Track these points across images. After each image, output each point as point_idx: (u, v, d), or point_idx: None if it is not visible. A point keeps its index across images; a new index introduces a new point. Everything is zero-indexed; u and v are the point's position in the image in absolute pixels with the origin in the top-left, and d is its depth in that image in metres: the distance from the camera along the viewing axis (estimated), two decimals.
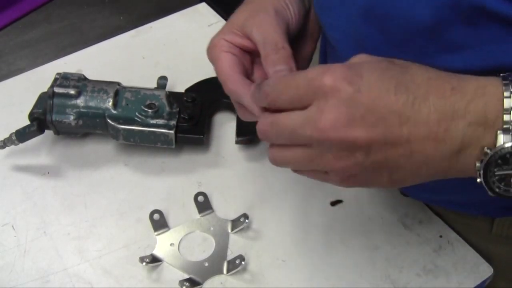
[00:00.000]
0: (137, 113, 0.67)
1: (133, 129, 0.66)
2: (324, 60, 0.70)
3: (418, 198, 0.66)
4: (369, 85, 0.42)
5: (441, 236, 0.64)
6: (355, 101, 0.42)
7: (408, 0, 0.48)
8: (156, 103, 0.67)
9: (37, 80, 0.77)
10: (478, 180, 0.43)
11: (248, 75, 0.56)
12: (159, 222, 0.64)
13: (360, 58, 0.45)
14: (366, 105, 0.42)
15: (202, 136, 0.69)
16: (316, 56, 0.63)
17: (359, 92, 0.42)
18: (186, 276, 0.60)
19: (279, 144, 0.47)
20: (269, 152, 0.48)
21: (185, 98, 0.71)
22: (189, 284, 0.58)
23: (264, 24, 0.54)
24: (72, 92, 0.67)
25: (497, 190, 0.43)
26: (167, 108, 0.68)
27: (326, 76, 0.42)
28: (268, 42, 0.53)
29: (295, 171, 0.50)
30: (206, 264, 0.61)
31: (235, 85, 0.53)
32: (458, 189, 0.59)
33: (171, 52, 0.84)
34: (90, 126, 0.68)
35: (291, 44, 0.55)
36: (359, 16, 0.53)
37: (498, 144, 0.41)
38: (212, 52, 0.56)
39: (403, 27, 0.50)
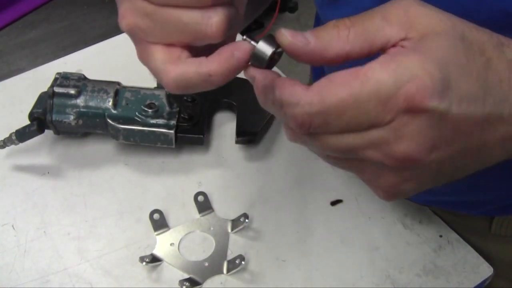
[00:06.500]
0: (137, 113, 0.67)
1: (133, 129, 0.66)
2: None
3: (416, 200, 0.66)
4: (460, 97, 0.33)
5: (441, 236, 0.64)
6: (444, 122, 0.33)
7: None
8: (156, 103, 0.67)
9: (37, 80, 0.77)
10: None
11: None
12: (159, 222, 0.64)
13: (422, 27, 0.34)
14: (455, 125, 0.34)
15: (202, 136, 0.69)
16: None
17: (449, 109, 0.33)
18: (186, 276, 0.60)
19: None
20: (291, 137, 0.37)
21: (185, 98, 0.70)
22: (189, 284, 0.58)
23: None
24: (72, 92, 0.67)
25: None
26: (167, 108, 0.68)
27: (406, 89, 0.32)
28: None
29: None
30: (206, 264, 0.61)
31: None
32: (456, 190, 0.59)
33: None
34: (90, 126, 0.68)
35: None
36: None
37: None
38: None
39: None
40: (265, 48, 0.38)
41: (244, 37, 0.38)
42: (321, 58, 0.35)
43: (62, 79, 0.68)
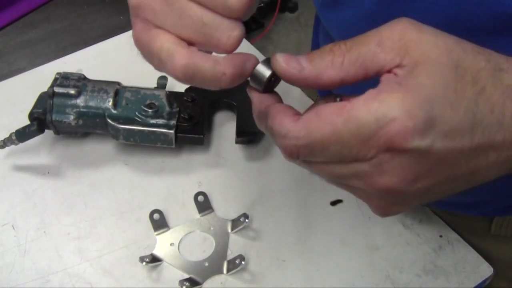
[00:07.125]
0: (137, 113, 0.67)
1: (133, 129, 0.66)
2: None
3: None
4: (444, 133, 0.33)
5: (441, 236, 0.64)
6: (426, 157, 0.34)
7: (420, 8, 0.47)
8: (156, 103, 0.67)
9: (37, 80, 0.77)
10: None
11: None
12: (159, 222, 0.64)
13: (414, 61, 0.34)
14: (439, 158, 0.34)
15: (202, 136, 0.69)
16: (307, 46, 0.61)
17: (432, 146, 0.33)
18: (186, 276, 0.60)
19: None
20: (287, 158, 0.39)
21: (185, 98, 0.71)
22: (189, 284, 0.58)
23: None
24: (72, 92, 0.67)
25: None
26: (167, 108, 0.68)
27: (387, 130, 0.33)
28: None
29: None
30: (206, 264, 0.61)
31: None
32: None
33: None
34: (90, 126, 0.68)
35: None
36: (364, 19, 0.52)
37: None
38: None
39: None
40: (263, 70, 0.39)
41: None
42: (316, 84, 0.36)
43: (62, 79, 0.68)
